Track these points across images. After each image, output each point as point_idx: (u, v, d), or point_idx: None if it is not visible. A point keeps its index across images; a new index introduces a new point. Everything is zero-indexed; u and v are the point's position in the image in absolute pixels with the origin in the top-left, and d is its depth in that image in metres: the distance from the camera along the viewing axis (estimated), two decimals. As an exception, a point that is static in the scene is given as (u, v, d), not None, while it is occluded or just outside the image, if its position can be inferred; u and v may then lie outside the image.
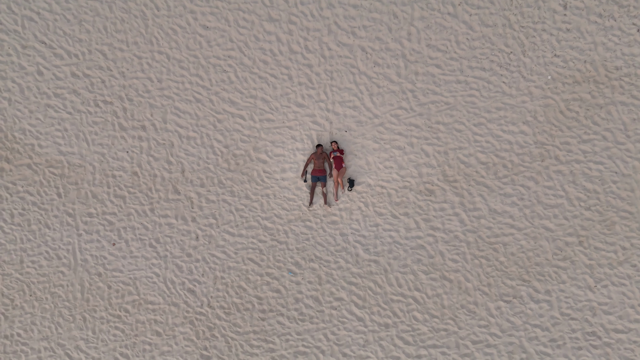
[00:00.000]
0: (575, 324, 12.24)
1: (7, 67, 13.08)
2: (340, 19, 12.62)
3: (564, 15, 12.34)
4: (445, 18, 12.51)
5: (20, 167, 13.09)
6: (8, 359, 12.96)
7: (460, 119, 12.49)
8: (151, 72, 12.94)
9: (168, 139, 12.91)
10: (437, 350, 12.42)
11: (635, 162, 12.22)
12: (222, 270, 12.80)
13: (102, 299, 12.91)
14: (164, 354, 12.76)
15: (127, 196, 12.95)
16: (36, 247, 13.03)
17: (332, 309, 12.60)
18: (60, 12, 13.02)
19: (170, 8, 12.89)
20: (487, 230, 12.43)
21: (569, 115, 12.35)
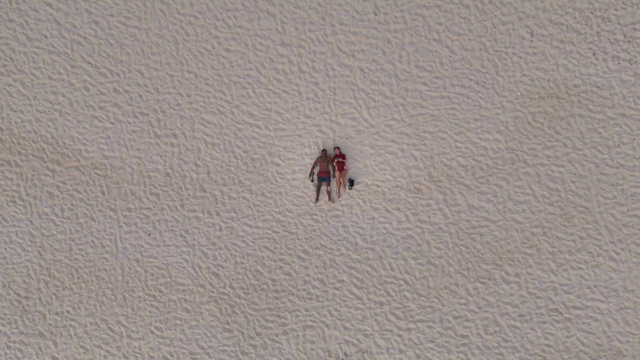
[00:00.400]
0: (540, 302, 14.49)
1: (58, 84, 15.35)
2: (342, 44, 14.90)
3: (531, 41, 14.62)
4: (431, 43, 14.78)
5: (70, 169, 15.35)
6: (59, 332, 15.21)
7: (444, 128, 14.76)
8: (181, 89, 15.21)
9: (196, 145, 15.18)
10: (424, 325, 14.68)
11: (590, 165, 14.47)
12: (242, 256, 15.06)
13: (140, 281, 15.17)
14: (192, 328, 15.02)
15: (160, 194, 15.21)
16: (83, 237, 15.29)
17: (335, 289, 14.86)
18: (104, 37, 15.30)
19: (197, 34, 15.17)
20: (466, 222, 14.69)
21: (535, 126, 14.62)
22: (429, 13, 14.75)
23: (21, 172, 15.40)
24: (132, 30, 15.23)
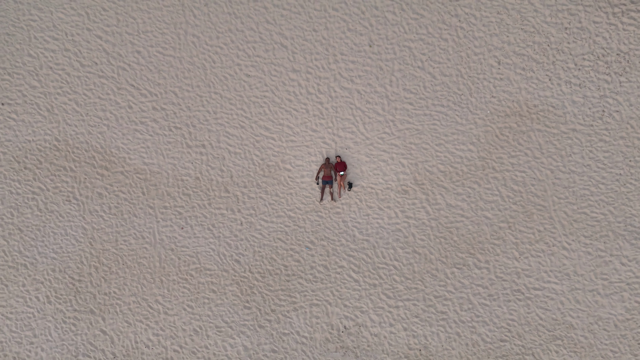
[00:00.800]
0: (505, 284, 17.58)
1: (106, 103, 18.43)
2: (343, 70, 17.98)
3: (499, 69, 17.70)
4: (415, 70, 17.87)
5: (116, 173, 18.43)
6: (107, 309, 18.29)
7: (426, 140, 17.84)
8: (209, 107, 18.30)
9: (220, 154, 18.26)
10: (410, 303, 17.75)
11: (547, 171, 17.55)
12: (259, 246, 18.14)
13: (174, 266, 18.25)
14: (218, 306, 18.10)
15: (191, 194, 18.29)
16: (127, 230, 18.38)
17: (336, 274, 17.94)
18: (144, 64, 18.39)
19: (222, 62, 18.25)
20: (444, 218, 17.77)
21: (502, 138, 17.70)
22: (414, 45, 17.84)
23: (75, 176, 18.48)
24: (168, 58, 18.32)
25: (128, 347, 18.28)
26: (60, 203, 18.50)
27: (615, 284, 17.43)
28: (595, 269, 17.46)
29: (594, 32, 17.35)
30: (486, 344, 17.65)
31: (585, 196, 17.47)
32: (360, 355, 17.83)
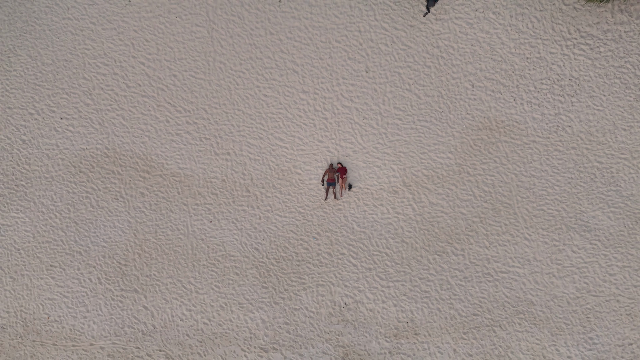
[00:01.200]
0: (477, 268, 21.34)
1: (148, 117, 22.19)
2: (344, 92, 21.74)
3: (472, 91, 21.46)
4: (404, 92, 21.62)
5: (155, 176, 22.19)
6: (148, 289, 22.05)
7: (413, 150, 21.60)
8: (233, 121, 22.06)
9: (242, 160, 22.01)
10: (398, 283, 21.50)
11: (512, 175, 21.31)
12: (274, 237, 21.90)
13: (204, 253, 22.02)
14: (240, 286, 21.85)
15: (218, 194, 22.06)
16: (164, 223, 22.14)
17: (338, 259, 21.69)
18: (179, 85, 22.15)
19: (244, 84, 22.01)
20: (427, 214, 21.53)
21: (475, 148, 21.46)
22: (402, 71, 21.60)
23: (122, 178, 22.26)
24: (199, 81, 22.09)
25: (165, 320, 22.08)
26: (109, 201, 22.28)
27: (568, 268, 21.21)
28: (551, 255, 21.24)
29: (550, 61, 21.11)
30: (462, 317, 21.44)
31: (543, 196, 21.24)
32: (357, 327, 21.63)
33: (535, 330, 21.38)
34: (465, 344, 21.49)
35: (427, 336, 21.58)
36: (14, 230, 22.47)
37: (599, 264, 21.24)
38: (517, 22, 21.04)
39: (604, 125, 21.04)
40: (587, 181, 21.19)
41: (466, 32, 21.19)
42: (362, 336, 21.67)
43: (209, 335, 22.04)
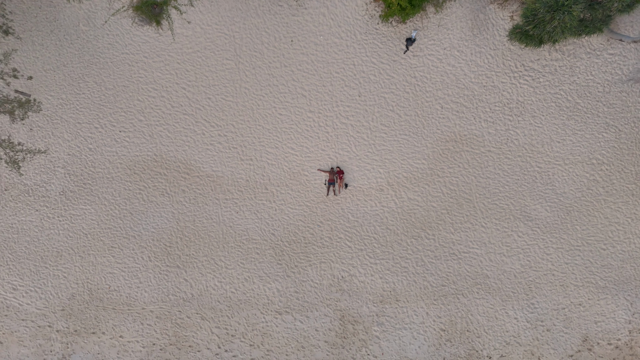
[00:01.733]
0: (444, 249, 27.46)
1: (188, 131, 28.22)
2: (342, 111, 27.79)
3: (442, 111, 27.53)
4: (388, 112, 27.72)
5: (194, 177, 28.28)
6: (187, 265, 28.16)
7: (395, 157, 27.68)
8: (255, 134, 28.07)
9: (262, 165, 28.10)
10: (383, 261, 27.62)
11: (472, 177, 27.40)
12: (287, 224, 28.01)
13: (232, 237, 28.12)
14: (260, 262, 27.97)
15: (243, 191, 28.15)
16: (201, 213, 28.23)
17: (337, 242, 27.82)
18: (213, 105, 28.20)
19: (264, 105, 28.06)
20: (406, 207, 27.66)
21: (443, 156, 27.55)
22: (387, 96, 27.68)
23: (167, 178, 28.33)
24: (229, 102, 28.15)
25: (201, 290, 28.21)
26: (157, 196, 28.38)
27: (514, 249, 27.37)
28: (501, 239, 27.40)
29: (502, 89, 27.19)
30: (433, 287, 27.60)
31: (496, 193, 27.37)
32: (351, 295, 27.79)
33: (489, 298, 27.56)
34: (435, 308, 27.68)
35: (406, 302, 27.77)
36: (82, 218, 28.58)
37: (538, 246, 27.43)
38: (476, 58, 27.13)
39: (543, 139, 27.18)
40: (529, 182, 27.34)
41: (437, 65, 27.28)
42: (355, 302, 27.85)
43: (235, 302, 28.21)
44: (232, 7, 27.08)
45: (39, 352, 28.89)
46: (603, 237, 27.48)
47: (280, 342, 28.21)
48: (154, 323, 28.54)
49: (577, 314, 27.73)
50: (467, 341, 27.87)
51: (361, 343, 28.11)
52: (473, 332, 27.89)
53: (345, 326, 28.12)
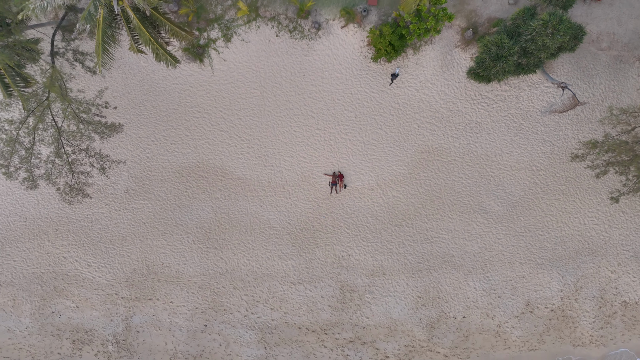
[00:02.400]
0: (420, 234, 35.96)
1: (223, 144, 36.62)
2: (342, 130, 36.21)
3: (418, 130, 36.02)
4: (378, 131, 36.16)
5: (228, 179, 36.70)
6: (223, 246, 36.62)
7: (383, 164, 36.14)
8: (275, 147, 36.52)
9: (280, 170, 36.52)
10: (373, 243, 36.12)
11: (441, 180, 35.87)
12: (300, 215, 36.47)
13: (257, 225, 36.58)
14: (279, 245, 36.42)
15: (266, 190, 36.58)
16: (233, 207, 36.67)
17: (337, 229, 36.29)
18: (243, 124, 36.68)
19: (282, 125, 36.50)
20: (391, 202, 36.13)
21: (420, 163, 36.05)
22: (377, 117, 36.02)
23: (207, 179, 36.75)
24: (255, 122, 36.54)
25: (234, 266, 36.70)
26: (200, 193, 36.81)
27: (474, 235, 35.88)
28: (464, 227, 35.90)
29: (464, 112, 35.60)
30: (411, 264, 36.11)
31: (460, 192, 35.84)
32: (349, 270, 36.27)
33: (454, 272, 36.06)
34: (413, 280, 36.19)
35: (391, 275, 36.28)
36: (141, 211, 37.01)
37: (491, 232, 35.94)
38: (445, 89, 35.53)
39: (495, 151, 35.65)
40: (485, 183, 35.82)
41: (414, 95, 35.69)
42: (351, 275, 36.35)
43: (259, 275, 36.70)
44: (258, 49, 35.47)
45: (107, 314, 37.38)
46: (541, 225, 36.00)
47: (294, 306, 36.72)
48: (197, 292, 37.03)
49: (521, 284, 36.27)
50: (438, 305, 36.40)
51: (356, 307, 36.63)
52: (442, 299, 36.41)
53: (344, 294, 36.64)
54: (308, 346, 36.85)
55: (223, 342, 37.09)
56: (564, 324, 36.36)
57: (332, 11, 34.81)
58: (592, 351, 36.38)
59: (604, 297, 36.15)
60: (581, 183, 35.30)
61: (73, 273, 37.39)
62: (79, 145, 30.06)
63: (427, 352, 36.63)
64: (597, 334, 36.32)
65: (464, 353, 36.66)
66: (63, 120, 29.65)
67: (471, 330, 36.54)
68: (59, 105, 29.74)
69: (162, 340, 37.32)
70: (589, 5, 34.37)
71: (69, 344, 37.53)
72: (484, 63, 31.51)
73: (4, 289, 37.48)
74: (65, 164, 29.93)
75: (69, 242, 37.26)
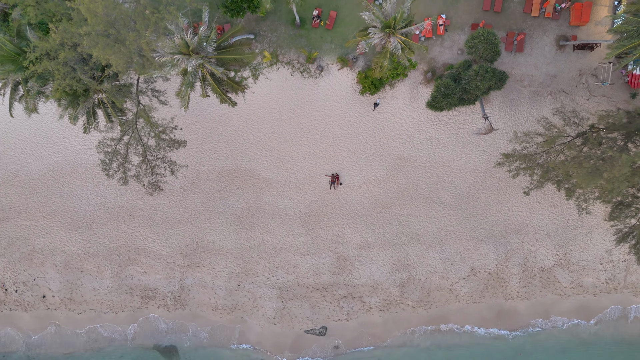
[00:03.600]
0: (395, 220, 49.91)
1: (252, 152, 50.40)
2: (339, 144, 50.06)
3: (394, 144, 49.96)
4: (364, 144, 50.08)
5: (255, 179, 50.47)
6: (252, 228, 50.47)
7: (368, 169, 50.00)
8: (291, 155, 50.35)
9: (294, 173, 50.37)
10: (361, 227, 50.02)
11: (410, 179, 49.78)
12: (308, 205, 50.28)
13: (277, 213, 50.40)
14: (292, 226, 50.26)
15: (284, 187, 50.34)
16: (260, 200, 50.44)
17: (335, 217, 50.15)
18: (267, 140, 50.52)
19: (296, 139, 50.35)
20: (374, 196, 50.00)
21: (396, 168, 49.96)
22: (363, 134, 49.84)
23: (240, 179, 50.53)
24: (275, 137, 50.33)
25: (259, 242, 50.57)
26: (234, 189, 50.64)
27: (433, 219, 49.82)
28: (426, 213, 49.85)
29: (427, 131, 49.44)
30: (388, 240, 50.03)
31: (423, 188, 49.79)
32: (343, 245, 50.15)
33: (419, 246, 50.03)
34: (389, 252, 50.14)
35: (374, 248, 50.21)
36: (192, 202, 50.79)
37: (446, 217, 49.93)
38: (413, 114, 49.34)
39: (449, 158, 49.57)
40: (441, 182, 49.73)
41: (390, 118, 49.55)
42: (345, 249, 50.27)
43: (278, 248, 50.55)
44: (278, 84, 49.29)
45: (167, 277, 51.17)
46: (481, 212, 49.96)
47: (303, 271, 50.57)
48: (232, 260, 50.83)
49: (467, 255, 50.20)
50: (407, 270, 50.28)
51: (348, 271, 50.49)
52: (410, 266, 50.30)
53: (340, 262, 50.49)
54: (313, 300, 50.73)
55: (251, 297, 50.97)
56: (498, 284, 50.37)
57: (331, 58, 48.72)
58: (519, 303, 50.40)
59: (526, 264, 50.19)
60: (508, 182, 49.27)
61: (142, 247, 51.18)
62: (157, 155, 43.75)
63: (400, 304, 50.58)
64: (522, 291, 50.36)
65: (426, 305, 50.61)
66: (147, 138, 43.35)
67: (431, 288, 50.50)
68: (144, 127, 43.45)
69: (206, 296, 51.16)
70: (515, 55, 48.36)
71: (139, 299, 51.34)
72: (436, 99, 45.47)
73: (91, 259, 51.29)
74: (148, 168, 43.65)
75: (139, 225, 51.08)
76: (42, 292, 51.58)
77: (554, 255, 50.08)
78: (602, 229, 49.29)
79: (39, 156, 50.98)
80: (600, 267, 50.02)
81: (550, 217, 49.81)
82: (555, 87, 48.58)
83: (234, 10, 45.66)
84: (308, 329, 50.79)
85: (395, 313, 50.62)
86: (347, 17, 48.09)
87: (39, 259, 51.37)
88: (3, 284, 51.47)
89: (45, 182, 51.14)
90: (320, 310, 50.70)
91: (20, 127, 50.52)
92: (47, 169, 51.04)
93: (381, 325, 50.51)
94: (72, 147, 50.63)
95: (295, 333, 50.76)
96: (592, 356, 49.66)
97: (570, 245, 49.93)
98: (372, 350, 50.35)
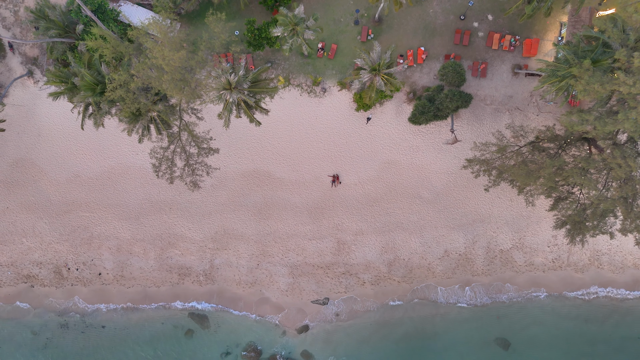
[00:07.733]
0: (383, 211, 62.14)
1: (269, 158, 62.55)
2: (338, 152, 62.18)
3: (382, 151, 62.16)
4: (357, 151, 62.22)
5: (271, 179, 62.57)
6: (268, 218, 62.65)
7: (361, 170, 62.21)
8: (302, 161, 62.49)
9: (303, 174, 62.55)
10: (357, 217, 62.20)
11: (395, 179, 62.01)
12: (314, 200, 62.43)
13: (289, 206, 62.59)
14: (301, 217, 62.41)
15: (295, 186, 62.44)
16: (275, 196, 62.52)
17: (336, 209, 62.31)
18: (282, 149, 62.69)
19: (305, 150, 62.52)
20: (367, 192, 62.20)
21: (383, 170, 62.19)
22: (358, 143, 61.96)
23: (259, 179, 62.61)
24: (287, 148, 62.51)
25: (275, 229, 62.75)
26: (254, 187, 62.75)
27: (414, 211, 62.08)
28: (409, 206, 62.05)
29: (410, 140, 61.52)
30: (378, 228, 62.23)
31: (405, 186, 61.94)
32: (342, 231, 62.34)
33: (403, 233, 62.21)
34: (379, 237, 62.36)
35: (367, 235, 62.42)
36: (220, 197, 62.86)
37: (425, 210, 62.20)
38: (398, 127, 61.47)
39: (427, 162, 61.75)
40: (421, 181, 61.96)
41: (380, 130, 61.65)
42: (343, 235, 62.45)
43: (290, 234, 62.68)
44: (289, 103, 61.40)
45: (200, 258, 63.33)
46: (454, 205, 62.19)
47: (310, 253, 62.75)
48: (253, 244, 62.96)
49: (442, 239, 62.41)
50: (393, 252, 62.50)
51: (346, 253, 62.67)
52: (396, 248, 62.51)
53: (339, 246, 62.66)
54: (318, 276, 62.92)
55: (268, 274, 63.14)
56: (467, 263, 62.64)
57: (333, 82, 60.94)
58: (483, 278, 62.66)
59: (489, 247, 62.48)
60: (473, 181, 61.52)
61: (179, 233, 63.32)
62: (197, 160, 55.85)
63: (388, 280, 62.82)
64: (486, 268, 62.64)
65: (409, 280, 62.86)
66: (189, 146, 55.42)
67: (413, 267, 62.74)
68: (187, 138, 55.50)
69: (231, 273, 63.32)
70: (479, 80, 60.63)
71: (177, 276, 63.50)
72: (415, 115, 57.73)
73: (139, 243, 63.41)
74: (190, 170, 55.78)
75: (177, 215, 63.21)
76: (98, 270, 63.70)
77: (511, 239, 62.42)
78: (549, 218, 61.62)
79: (96, 160, 63.07)
80: (547, 249, 62.41)
81: (508, 209, 62.13)
82: (511, 105, 60.88)
83: (255, 45, 57.86)
84: (314, 299, 63.00)
85: (384, 287, 62.84)
86: (345, 49, 60.28)
87: (96, 243, 63.49)
88: (67, 263, 63.53)
89: (102, 181, 63.24)
90: (323, 284, 62.91)
91: (81, 136, 62.66)
92: (103, 171, 63.13)
93: (373, 296, 62.75)
94: (123, 153, 62.72)
95: (303, 303, 62.97)
96: (541, 314, 62.20)
97: (524, 232, 62.29)
98: (365, 313, 62.76)
